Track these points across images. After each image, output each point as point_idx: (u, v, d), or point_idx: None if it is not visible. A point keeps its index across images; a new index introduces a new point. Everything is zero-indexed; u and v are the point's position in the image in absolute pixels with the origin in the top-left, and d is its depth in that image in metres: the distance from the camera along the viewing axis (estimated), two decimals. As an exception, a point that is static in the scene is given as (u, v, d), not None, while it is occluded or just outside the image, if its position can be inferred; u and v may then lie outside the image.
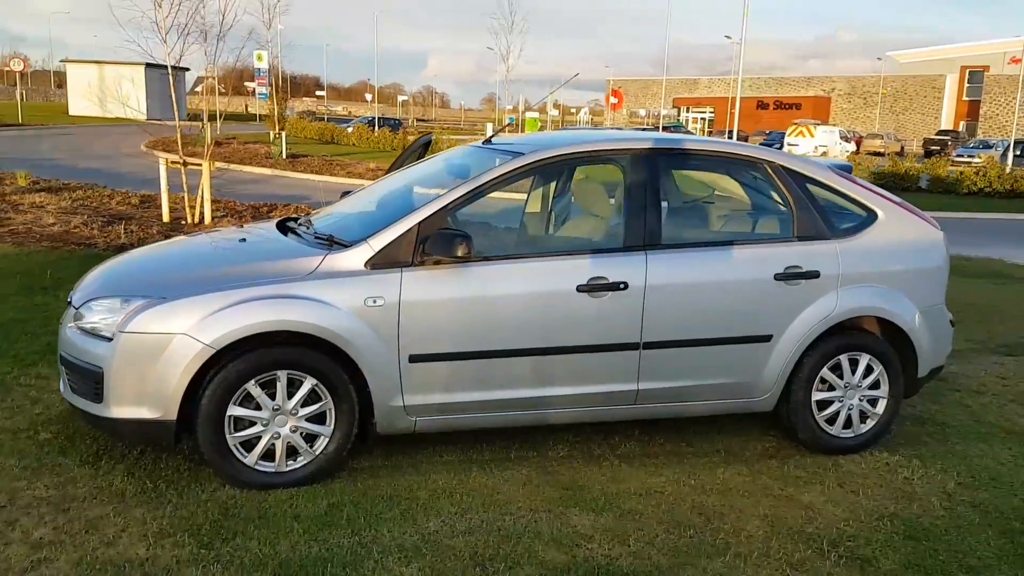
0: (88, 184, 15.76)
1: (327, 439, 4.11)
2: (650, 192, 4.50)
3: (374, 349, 4.05)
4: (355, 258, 4.11)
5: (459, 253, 4.05)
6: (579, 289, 4.28)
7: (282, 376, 3.99)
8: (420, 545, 3.61)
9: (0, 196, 13.41)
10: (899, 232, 4.86)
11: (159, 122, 30.49)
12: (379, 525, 3.76)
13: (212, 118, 40.40)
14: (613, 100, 64.56)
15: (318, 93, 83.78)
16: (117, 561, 3.37)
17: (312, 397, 4.07)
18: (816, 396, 4.74)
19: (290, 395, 4.02)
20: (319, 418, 4.09)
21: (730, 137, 58.18)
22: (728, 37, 62.74)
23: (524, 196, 5.59)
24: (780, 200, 4.79)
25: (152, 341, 3.85)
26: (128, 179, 18.48)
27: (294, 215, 6.75)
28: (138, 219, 12.01)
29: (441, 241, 4.06)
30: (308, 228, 4.68)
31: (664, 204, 4.59)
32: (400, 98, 79.66)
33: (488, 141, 5.06)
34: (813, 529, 3.98)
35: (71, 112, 52.86)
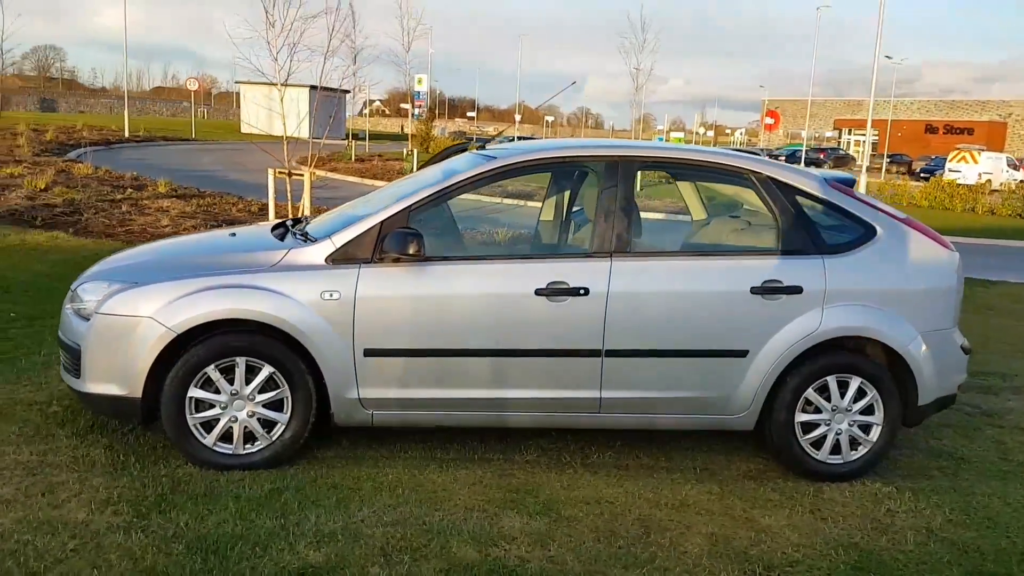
0: (220, 193, 16.81)
1: (284, 426, 4.28)
2: (621, 199, 4.44)
3: (329, 341, 4.20)
4: (317, 253, 4.28)
5: (410, 251, 4.15)
6: (537, 292, 4.28)
7: (240, 363, 4.19)
8: (338, 532, 3.71)
9: (135, 200, 14.52)
10: (900, 250, 4.58)
11: (318, 140, 32.12)
12: (310, 511, 3.88)
13: (360, 137, 41.97)
14: (769, 120, 63.04)
15: (468, 114, 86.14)
16: (55, 522, 3.65)
17: (270, 385, 4.25)
18: (800, 417, 4.52)
19: (248, 381, 4.22)
20: (277, 405, 4.27)
21: (890, 161, 55.59)
22: (889, 57, 59.75)
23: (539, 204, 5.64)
24: (766, 212, 4.62)
25: (122, 323, 4.14)
26: (264, 190, 19.55)
27: (301, 216, 7.03)
28: (246, 224, 12.74)
29: (394, 239, 4.17)
30: (301, 227, 4.90)
31: (636, 212, 4.52)
32: (548, 119, 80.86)
33: (482, 148, 5.13)
34: (756, 552, 3.81)
35: (242, 130, 56.50)
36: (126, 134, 34.21)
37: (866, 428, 4.56)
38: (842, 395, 4.51)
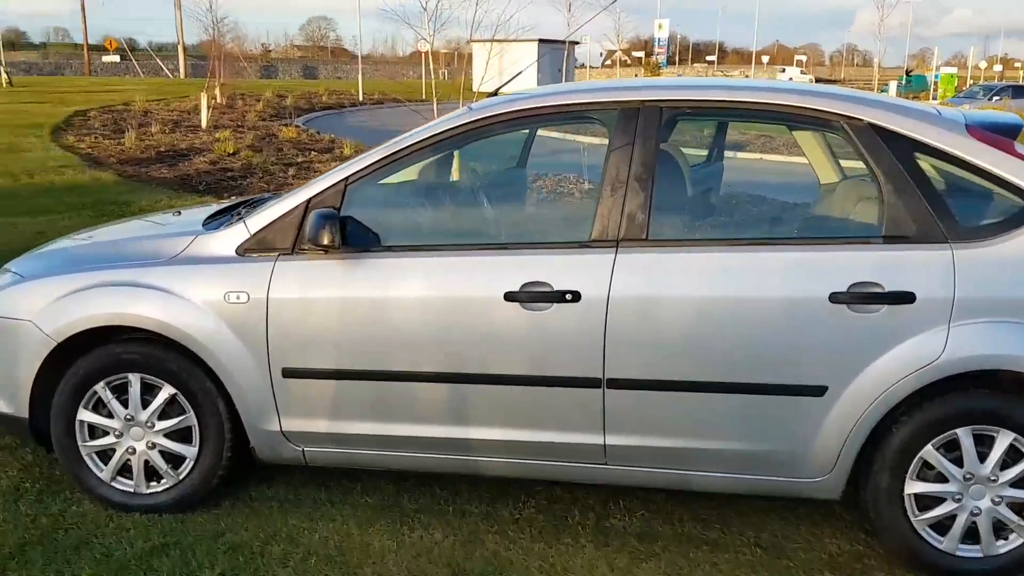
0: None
1: (192, 462, 3.37)
2: (636, 163, 3.07)
3: (237, 357, 3.21)
4: (225, 242, 3.29)
5: (323, 241, 3.04)
6: (508, 297, 3.04)
7: (134, 380, 3.32)
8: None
9: (310, 164, 14.34)
10: None
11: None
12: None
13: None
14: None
15: (708, 58, 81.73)
16: None
17: (174, 409, 3.34)
18: (914, 487, 2.98)
19: (146, 404, 3.34)
20: (183, 435, 3.36)
21: None
22: None
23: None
24: (866, 176, 3.07)
25: (4, 325, 3.38)
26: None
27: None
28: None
29: (312, 224, 3.08)
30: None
31: (660, 182, 3.12)
32: (796, 56, 74.86)
33: (494, 95, 3.88)
34: None
35: (474, 88, 57.32)
36: (360, 97, 35.26)
37: (1022, 508, 2.95)
38: (982, 457, 2.92)
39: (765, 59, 70.14)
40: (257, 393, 3.24)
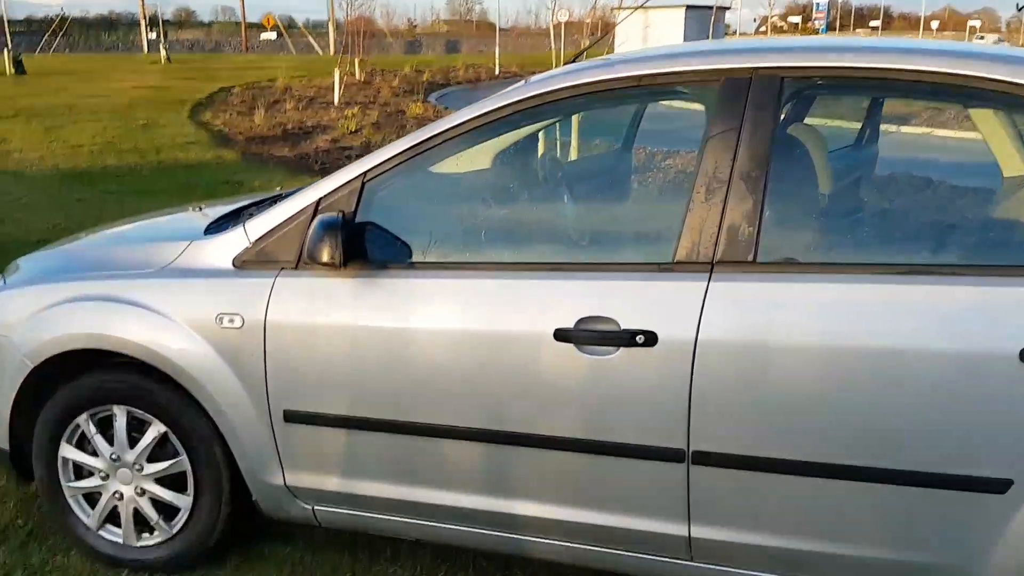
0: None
1: (186, 514, 2.78)
2: (744, 154, 2.23)
3: (232, 393, 2.59)
4: (222, 251, 2.66)
5: (323, 257, 2.36)
6: (559, 336, 2.28)
7: (119, 414, 2.75)
8: None
9: (401, 126, 13.82)
10: None
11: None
12: None
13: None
14: None
15: (871, 24, 76.35)
16: None
17: (165, 451, 2.76)
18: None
19: (133, 442, 2.77)
20: (177, 482, 2.78)
21: None
22: None
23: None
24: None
25: (-15, 341, 2.89)
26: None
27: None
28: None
29: (310, 235, 2.41)
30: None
31: (784, 181, 2.26)
32: (970, 23, 68.91)
33: (574, 60, 3.07)
34: None
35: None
36: (496, 71, 34.84)
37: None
38: None
39: (935, 24, 65.17)
40: (256, 438, 2.62)
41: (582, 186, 3.05)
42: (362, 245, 2.47)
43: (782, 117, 2.28)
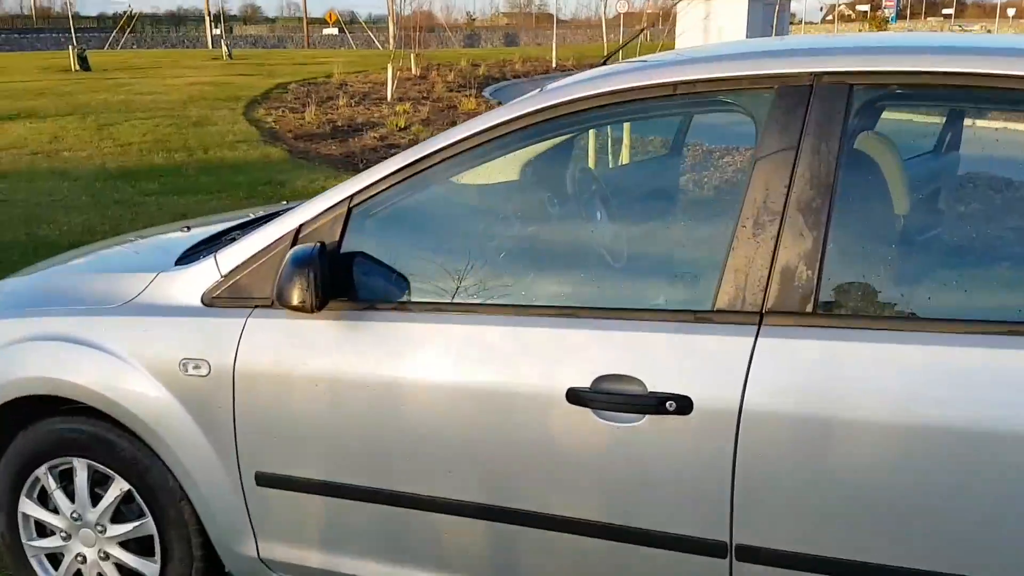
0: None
1: (154, 582, 2.44)
2: (802, 178, 1.79)
3: (198, 450, 2.24)
4: (190, 285, 2.30)
5: (293, 299, 1.98)
6: (572, 398, 1.86)
7: (80, 467, 2.43)
8: None
9: (451, 122, 13.50)
10: None
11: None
12: None
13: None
14: None
15: (944, 12, 73.57)
16: None
17: (131, 510, 2.43)
18: None
19: (96, 499, 2.44)
20: (145, 546, 2.44)
21: None
22: None
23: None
24: None
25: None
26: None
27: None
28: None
29: (281, 272, 2.03)
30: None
31: (851, 213, 1.82)
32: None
33: (604, 63, 2.64)
34: None
35: (676, 47, 55.58)
36: (553, 64, 34.36)
37: None
38: None
39: (1011, 12, 62.60)
40: (225, 503, 2.26)
41: (605, 214, 2.62)
42: (348, 280, 2.09)
43: (850, 132, 1.82)
